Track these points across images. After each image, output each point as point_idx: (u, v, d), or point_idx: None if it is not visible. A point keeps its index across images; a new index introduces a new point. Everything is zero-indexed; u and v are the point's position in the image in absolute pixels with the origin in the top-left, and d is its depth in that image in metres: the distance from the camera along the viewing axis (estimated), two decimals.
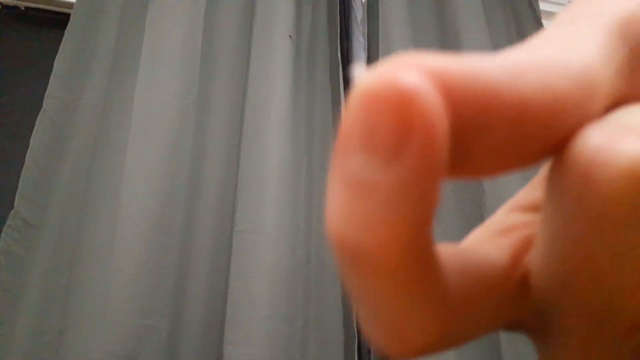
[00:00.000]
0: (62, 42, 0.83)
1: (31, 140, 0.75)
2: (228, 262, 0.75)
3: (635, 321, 0.09)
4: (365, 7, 1.11)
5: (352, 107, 0.08)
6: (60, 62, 0.81)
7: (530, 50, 0.10)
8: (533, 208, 0.13)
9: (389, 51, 1.03)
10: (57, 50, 0.82)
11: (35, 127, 0.76)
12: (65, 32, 0.84)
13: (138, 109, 0.78)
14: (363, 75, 0.08)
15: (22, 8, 1.01)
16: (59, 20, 0.89)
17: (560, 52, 0.09)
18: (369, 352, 0.79)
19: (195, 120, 0.83)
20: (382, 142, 0.08)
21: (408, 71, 0.08)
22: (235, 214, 0.78)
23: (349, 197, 0.08)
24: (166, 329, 0.69)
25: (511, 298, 0.11)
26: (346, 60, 1.06)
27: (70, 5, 0.89)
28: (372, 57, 1.06)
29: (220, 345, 0.70)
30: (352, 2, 1.10)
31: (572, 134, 0.09)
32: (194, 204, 0.79)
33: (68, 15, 0.87)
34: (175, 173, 0.78)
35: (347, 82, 1.02)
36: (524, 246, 0.12)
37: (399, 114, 0.08)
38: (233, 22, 0.96)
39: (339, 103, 0.95)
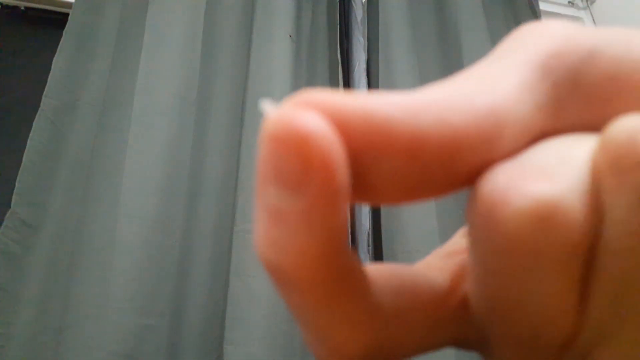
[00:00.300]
0: (61, 42, 0.83)
1: (29, 141, 0.75)
2: (228, 262, 0.75)
3: (563, 343, 0.10)
4: (365, 7, 1.11)
5: (262, 144, 0.09)
6: (58, 63, 0.81)
7: (444, 87, 0.10)
8: None
9: (389, 51, 1.03)
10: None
11: (33, 128, 0.76)
12: (64, 32, 0.84)
13: (138, 108, 0.78)
14: (269, 113, 0.09)
15: (22, 8, 1.01)
16: (59, 21, 0.89)
17: (473, 89, 0.10)
18: None
19: (195, 120, 0.83)
20: (288, 176, 0.09)
21: (306, 112, 0.09)
22: (235, 213, 0.78)
23: (268, 223, 0.09)
24: (166, 329, 0.69)
25: (452, 318, 0.12)
26: (346, 60, 1.06)
27: (71, 5, 0.89)
28: (372, 57, 1.06)
29: (221, 344, 0.70)
30: (352, 2, 1.10)
31: (481, 168, 0.10)
32: (194, 204, 0.79)
33: (68, 16, 0.87)
34: (175, 173, 0.78)
35: (347, 82, 1.02)
36: (464, 270, 0.12)
37: (299, 153, 0.09)
38: (233, 22, 0.96)
39: None
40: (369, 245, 0.90)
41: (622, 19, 1.37)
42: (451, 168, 0.10)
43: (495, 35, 1.12)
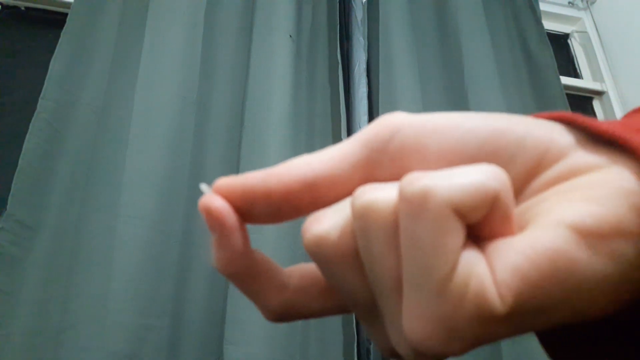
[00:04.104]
0: (59, 43, 0.82)
1: (25, 143, 0.75)
2: None
3: (372, 306, 0.17)
4: (365, 7, 1.11)
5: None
6: (56, 64, 0.81)
7: (292, 160, 0.17)
8: None
9: (389, 51, 1.03)
10: None
11: (29, 130, 0.75)
12: (62, 33, 0.84)
13: (138, 109, 0.78)
14: (204, 192, 0.17)
15: (23, 8, 1.01)
16: (60, 21, 0.89)
17: (306, 160, 0.17)
18: (368, 352, 0.79)
19: (195, 121, 0.83)
20: (209, 226, 0.17)
21: (211, 196, 0.17)
22: None
23: (213, 248, 0.18)
24: (166, 329, 0.69)
25: (336, 300, 0.19)
26: (346, 60, 1.06)
27: (71, 5, 0.89)
28: (372, 57, 1.06)
29: (221, 344, 0.70)
30: (352, 2, 1.10)
31: (312, 207, 0.17)
32: (194, 204, 0.79)
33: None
34: (175, 173, 0.78)
35: (347, 82, 1.02)
36: None
37: (208, 216, 0.17)
38: (233, 22, 0.96)
39: (339, 103, 0.95)
40: None
41: (622, 19, 1.37)
42: (290, 206, 0.17)
43: (496, 36, 1.12)
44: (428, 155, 0.16)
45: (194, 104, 0.84)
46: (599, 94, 1.36)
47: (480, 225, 0.14)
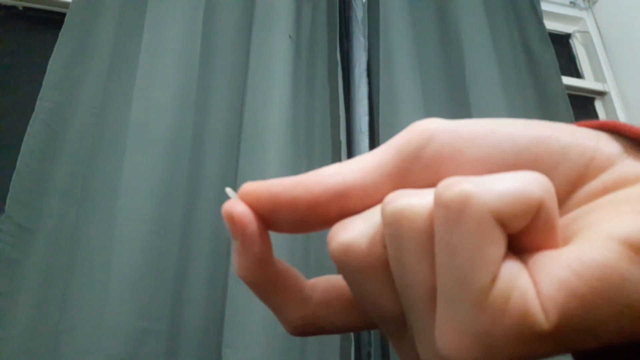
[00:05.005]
0: (57, 44, 0.82)
1: (23, 144, 0.74)
2: (227, 265, 0.75)
3: (400, 320, 0.16)
4: (366, 7, 1.11)
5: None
6: (54, 65, 0.80)
7: (319, 170, 0.17)
8: None
9: (389, 51, 1.02)
10: None
11: (27, 131, 0.75)
12: (60, 33, 0.83)
13: (136, 110, 0.78)
14: (230, 196, 0.17)
15: (21, 8, 1.00)
16: (58, 21, 0.88)
17: (334, 169, 0.17)
18: (368, 355, 0.78)
19: (194, 121, 0.83)
20: (231, 232, 0.17)
21: (235, 201, 0.17)
22: None
23: (234, 254, 0.17)
24: (165, 332, 0.69)
25: (361, 315, 0.19)
26: (346, 60, 1.05)
27: (69, 5, 0.88)
28: (372, 57, 1.05)
29: (219, 348, 0.69)
30: (352, 2, 1.10)
31: (339, 216, 0.16)
32: (192, 206, 0.79)
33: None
34: (174, 175, 0.77)
35: (347, 82, 1.01)
36: None
37: (230, 222, 0.17)
38: (232, 21, 0.95)
39: (339, 103, 0.95)
40: None
41: (624, 19, 1.37)
42: (317, 216, 0.17)
43: (497, 36, 1.11)
44: (463, 162, 0.15)
45: (193, 104, 0.83)
46: (601, 94, 1.36)
47: (522, 235, 0.13)
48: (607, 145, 0.15)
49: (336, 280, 0.19)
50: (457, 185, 0.13)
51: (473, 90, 0.99)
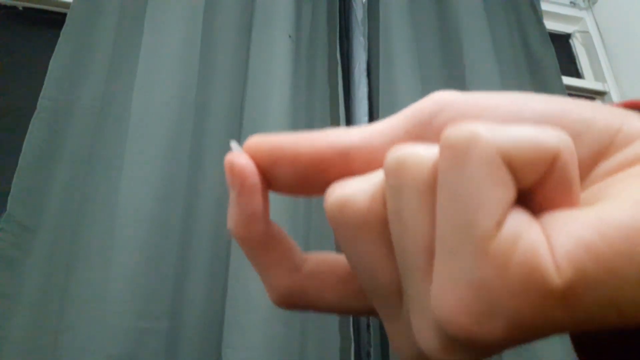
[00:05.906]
0: (58, 43, 0.82)
1: (24, 143, 0.74)
2: (227, 265, 0.75)
3: (396, 289, 0.15)
4: (366, 7, 1.11)
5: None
6: (55, 64, 0.81)
7: (329, 130, 0.17)
8: None
9: (389, 51, 1.02)
10: None
11: (29, 130, 0.75)
12: (61, 32, 0.83)
13: (137, 110, 0.78)
14: (233, 149, 0.17)
15: (20, 8, 1.00)
16: (58, 21, 0.88)
17: (341, 132, 0.16)
18: (368, 354, 0.78)
19: (194, 121, 0.83)
20: (229, 181, 0.16)
21: (237, 153, 0.16)
22: None
23: (230, 205, 0.17)
24: (165, 332, 0.69)
25: (355, 293, 0.18)
26: (346, 60, 1.05)
27: (69, 5, 0.89)
28: (372, 57, 1.05)
29: (219, 348, 0.69)
30: (352, 2, 1.10)
31: (339, 177, 0.16)
32: (192, 206, 0.79)
33: (66, 16, 0.86)
34: (174, 174, 0.77)
35: (347, 82, 1.01)
36: None
37: (230, 171, 0.16)
38: (232, 21, 0.95)
39: (339, 103, 0.95)
40: None
41: (624, 19, 1.37)
42: (318, 175, 0.16)
43: (497, 36, 1.11)
44: None
45: (193, 104, 0.83)
46: (601, 94, 1.36)
47: (536, 192, 0.12)
48: (634, 120, 0.15)
49: (330, 256, 0.18)
50: (466, 126, 0.12)
51: (473, 90, 0.99)
